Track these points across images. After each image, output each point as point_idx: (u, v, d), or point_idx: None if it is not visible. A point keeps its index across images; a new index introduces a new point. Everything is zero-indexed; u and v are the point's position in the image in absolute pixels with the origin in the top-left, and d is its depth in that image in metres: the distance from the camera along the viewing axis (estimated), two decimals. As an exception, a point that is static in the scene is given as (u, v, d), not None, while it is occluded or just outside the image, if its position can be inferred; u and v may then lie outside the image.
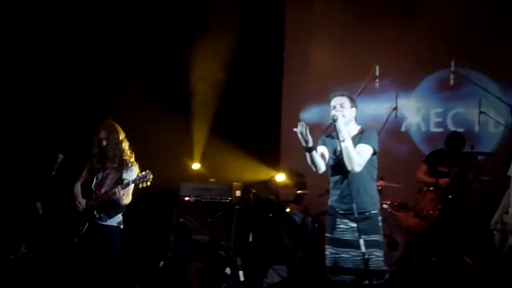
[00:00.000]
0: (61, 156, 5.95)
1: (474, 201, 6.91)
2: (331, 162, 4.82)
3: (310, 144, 4.57)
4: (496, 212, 5.68)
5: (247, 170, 7.99)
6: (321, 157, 4.73)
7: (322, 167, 4.74)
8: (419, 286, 6.40)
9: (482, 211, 6.65)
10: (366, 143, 4.71)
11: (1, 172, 7.66)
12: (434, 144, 7.96)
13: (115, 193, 5.72)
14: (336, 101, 4.80)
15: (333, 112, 4.73)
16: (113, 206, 5.82)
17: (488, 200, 6.52)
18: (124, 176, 5.84)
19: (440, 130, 8.32)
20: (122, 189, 5.72)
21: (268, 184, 7.99)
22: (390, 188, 7.26)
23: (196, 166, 8.36)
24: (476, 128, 7.82)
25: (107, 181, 5.88)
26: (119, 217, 5.89)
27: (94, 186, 5.92)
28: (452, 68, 7.12)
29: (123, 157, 5.89)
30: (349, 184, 4.64)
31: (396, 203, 7.24)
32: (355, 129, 4.81)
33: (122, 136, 5.93)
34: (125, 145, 5.92)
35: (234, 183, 7.75)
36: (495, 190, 6.30)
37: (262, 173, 8.11)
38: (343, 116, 4.71)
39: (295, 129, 4.55)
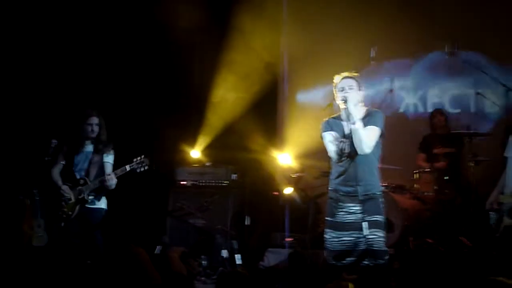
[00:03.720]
0: (55, 142, 5.97)
1: (470, 182, 6.90)
2: (339, 145, 4.65)
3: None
4: (492, 192, 5.70)
5: (244, 152, 7.93)
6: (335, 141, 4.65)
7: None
8: (416, 267, 6.39)
9: (479, 191, 6.65)
10: (374, 124, 4.61)
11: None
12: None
13: (108, 180, 5.73)
14: (344, 83, 4.67)
15: (342, 94, 4.62)
16: (103, 190, 5.84)
17: (485, 180, 6.52)
18: (105, 159, 5.89)
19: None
20: (117, 175, 5.75)
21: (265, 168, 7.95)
22: (386, 170, 7.22)
23: (195, 153, 8.27)
24: (472, 109, 7.83)
25: (92, 165, 5.89)
26: (104, 199, 5.94)
27: (78, 171, 5.91)
28: (447, 49, 7.09)
29: (107, 141, 5.95)
30: (356, 166, 4.58)
31: (393, 185, 7.22)
32: (362, 111, 4.67)
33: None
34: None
35: (230, 166, 7.72)
36: (492, 171, 6.31)
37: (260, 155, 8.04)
38: (353, 98, 4.59)
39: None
